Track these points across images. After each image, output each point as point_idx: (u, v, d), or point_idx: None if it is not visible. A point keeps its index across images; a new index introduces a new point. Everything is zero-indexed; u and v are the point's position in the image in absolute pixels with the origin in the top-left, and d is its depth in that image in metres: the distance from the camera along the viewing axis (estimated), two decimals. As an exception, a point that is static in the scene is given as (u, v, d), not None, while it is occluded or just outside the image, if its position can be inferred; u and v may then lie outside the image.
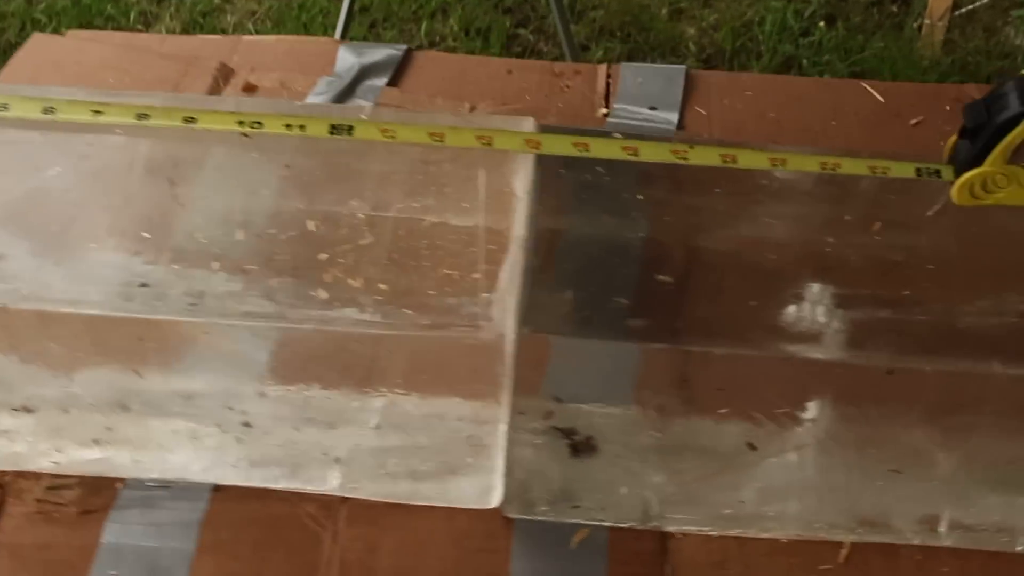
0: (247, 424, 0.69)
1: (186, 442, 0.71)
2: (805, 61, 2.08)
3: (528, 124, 0.71)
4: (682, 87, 0.98)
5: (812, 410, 0.63)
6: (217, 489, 0.73)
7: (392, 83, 0.98)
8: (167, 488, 0.73)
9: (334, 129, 0.70)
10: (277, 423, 0.68)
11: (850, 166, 0.69)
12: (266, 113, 0.70)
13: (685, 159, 0.69)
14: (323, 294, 0.63)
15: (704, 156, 0.69)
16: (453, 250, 0.65)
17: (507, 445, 0.68)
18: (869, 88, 0.99)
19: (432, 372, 0.65)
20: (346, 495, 0.73)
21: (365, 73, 0.98)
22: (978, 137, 0.66)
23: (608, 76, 1.01)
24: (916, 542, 0.71)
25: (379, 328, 0.62)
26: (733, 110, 0.98)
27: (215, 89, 0.96)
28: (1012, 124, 0.64)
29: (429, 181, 0.69)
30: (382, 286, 0.63)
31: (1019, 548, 0.71)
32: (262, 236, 0.66)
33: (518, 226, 0.66)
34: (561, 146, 0.70)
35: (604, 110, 0.97)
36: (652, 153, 0.69)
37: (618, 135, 0.71)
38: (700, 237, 0.67)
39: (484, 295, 0.63)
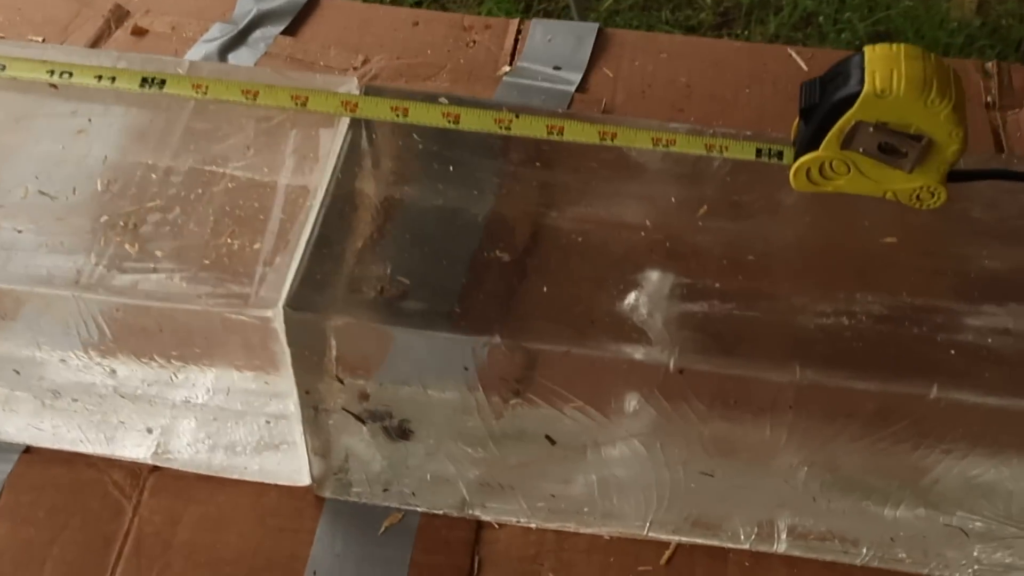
0: (55, 392, 0.66)
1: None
2: (822, 18, 1.98)
3: (350, 85, 0.67)
4: (591, 47, 0.93)
5: (606, 406, 0.59)
6: (28, 451, 0.71)
7: (288, 32, 0.94)
8: (-21, 448, 0.71)
9: (145, 82, 0.66)
10: (84, 391, 0.65)
11: (685, 143, 0.64)
12: (78, 63, 0.67)
13: (508, 129, 0.65)
14: (92, 259, 0.59)
15: (529, 127, 0.65)
16: (242, 217, 0.62)
17: (308, 424, 0.64)
18: (794, 55, 0.93)
19: (224, 347, 0.61)
20: (159, 464, 0.70)
21: (261, 20, 0.94)
22: (812, 118, 0.60)
23: (519, 32, 0.96)
24: (747, 547, 0.67)
25: (140, 299, 0.58)
26: (643, 73, 0.92)
27: (105, 31, 0.93)
28: (846, 105, 0.58)
29: (247, 141, 0.65)
30: (158, 253, 0.60)
31: (860, 562, 0.66)
32: (46, 194, 0.62)
33: (315, 195, 0.62)
34: (379, 110, 0.66)
35: (507, 68, 0.92)
36: (474, 121, 0.65)
37: (443, 100, 0.66)
38: (515, 217, 0.63)
39: (261, 269, 0.59)
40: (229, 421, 0.66)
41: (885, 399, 0.56)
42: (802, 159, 0.61)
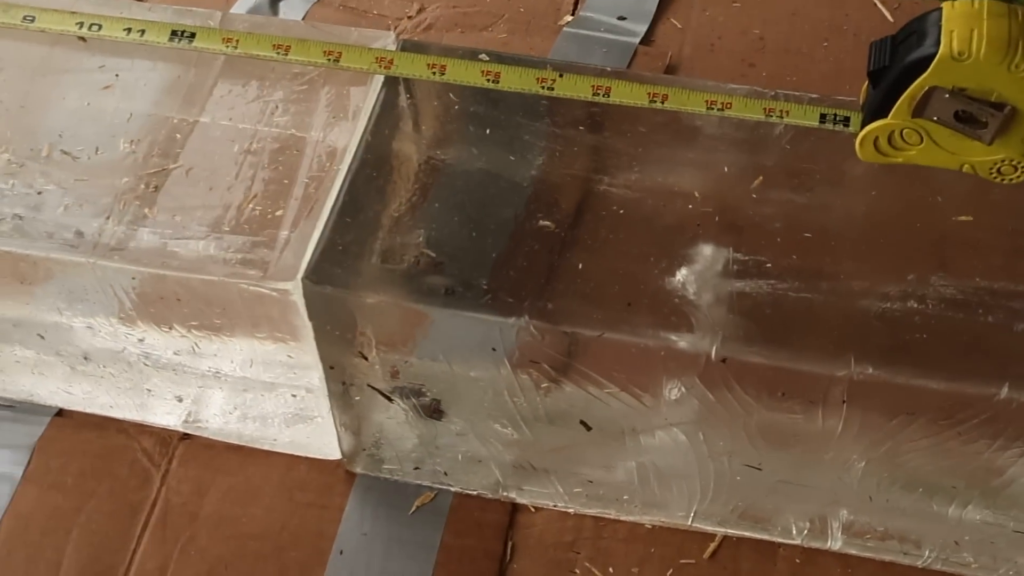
0: (85, 357, 0.64)
1: (29, 368, 0.67)
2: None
3: (386, 40, 0.63)
4: (660, -5, 0.87)
5: (644, 393, 0.55)
6: (60, 414, 0.69)
7: (342, -21, 0.90)
8: (11, 408, 0.69)
9: (174, 36, 0.63)
10: (112, 358, 0.63)
11: (742, 107, 0.59)
12: (107, 15, 0.64)
13: (551, 89, 0.60)
14: (110, 224, 0.57)
15: (573, 87, 0.60)
16: (267, 180, 0.58)
17: (336, 400, 0.61)
18: (879, 4, 0.86)
19: (244, 318, 0.58)
20: (190, 432, 0.68)
21: (315, -34, 0.90)
22: (881, 82, 0.54)
23: (584, -21, 0.90)
24: (798, 542, 0.62)
25: (156, 267, 0.55)
26: (713, 24, 0.86)
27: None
28: (919, 68, 0.52)
29: (277, 100, 0.62)
30: (177, 218, 0.57)
31: (922, 564, 0.62)
32: (68, 153, 0.60)
33: (343, 159, 0.58)
34: (415, 67, 0.62)
35: (569, 18, 0.87)
36: (515, 80, 0.60)
37: (484, 56, 0.62)
38: (555, 185, 0.58)
39: (283, 237, 0.56)
40: (258, 392, 0.64)
41: (949, 397, 0.51)
42: (869, 127, 0.55)
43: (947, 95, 0.52)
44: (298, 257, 0.55)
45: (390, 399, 0.60)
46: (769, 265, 0.54)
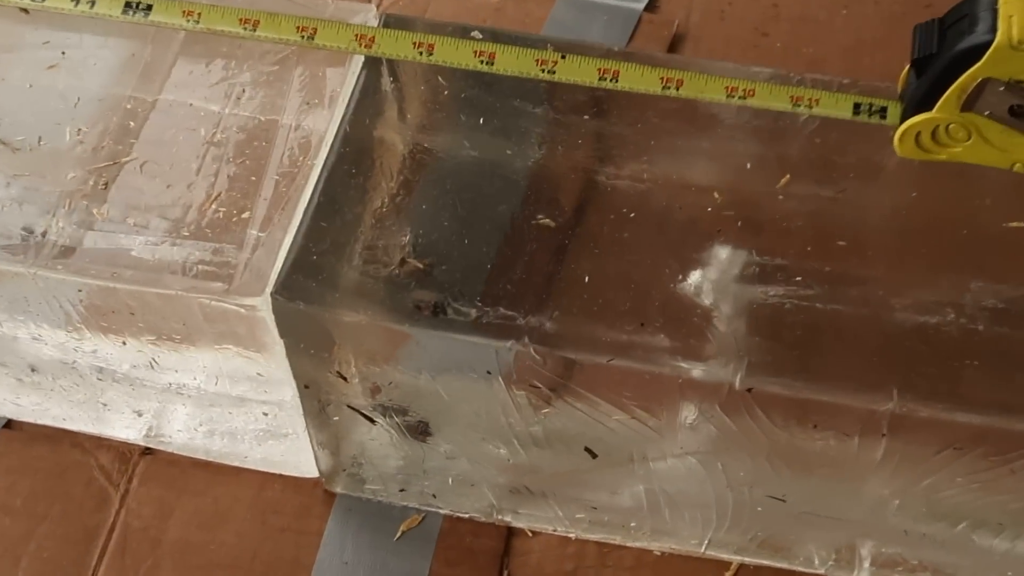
0: (33, 369, 0.58)
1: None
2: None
3: (367, 15, 0.56)
4: (664, -42, 0.80)
5: (657, 421, 0.49)
6: (8, 426, 0.63)
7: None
8: (-45, 421, 0.63)
9: (128, 8, 0.56)
10: (63, 370, 0.57)
11: (766, 95, 0.52)
12: (51, -15, 0.57)
13: (552, 73, 0.54)
14: (54, 227, 0.50)
15: (576, 71, 0.54)
16: (232, 177, 0.52)
17: (312, 418, 0.55)
18: (901, -32, 0.79)
19: (206, 334, 0.52)
20: (152, 447, 0.62)
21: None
22: (927, 72, 0.48)
23: (582, -60, 0.83)
24: (821, 572, 0.57)
25: (106, 279, 0.49)
26: (723, -10, 0.79)
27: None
28: (971, 58, 0.46)
29: (243, 83, 0.55)
30: (130, 220, 0.51)
31: (954, 593, 0.56)
32: (7, 144, 0.53)
33: (318, 152, 0.52)
34: (399, 47, 0.55)
35: (567, -17, 0.80)
36: (511, 62, 0.54)
37: (477, 34, 0.55)
38: (555, 184, 0.52)
39: (250, 243, 0.49)
40: (226, 408, 0.58)
41: (1002, 433, 0.45)
42: (911, 121, 0.49)
43: (1002, 88, 0.46)
44: (267, 267, 0.49)
45: (372, 420, 0.53)
46: (799, 278, 0.48)
